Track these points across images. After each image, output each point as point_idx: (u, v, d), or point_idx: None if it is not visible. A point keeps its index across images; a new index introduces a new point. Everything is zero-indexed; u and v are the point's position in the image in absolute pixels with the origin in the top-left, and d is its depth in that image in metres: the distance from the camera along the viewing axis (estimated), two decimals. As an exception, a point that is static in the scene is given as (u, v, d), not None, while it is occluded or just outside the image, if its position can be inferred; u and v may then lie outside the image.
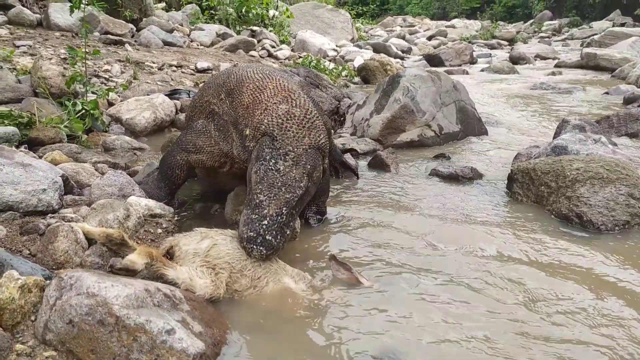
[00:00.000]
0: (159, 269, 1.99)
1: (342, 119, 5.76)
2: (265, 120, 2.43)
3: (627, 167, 3.15)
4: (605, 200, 2.99)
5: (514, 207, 3.33)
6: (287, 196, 2.23)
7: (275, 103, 2.52)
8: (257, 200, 2.20)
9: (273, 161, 2.29)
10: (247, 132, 2.54)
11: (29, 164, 2.57)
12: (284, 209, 2.20)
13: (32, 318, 1.69)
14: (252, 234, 2.13)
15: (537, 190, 3.31)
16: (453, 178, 3.83)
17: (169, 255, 2.17)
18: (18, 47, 6.67)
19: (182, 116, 5.15)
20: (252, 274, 2.13)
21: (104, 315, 1.58)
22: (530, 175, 3.36)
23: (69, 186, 2.90)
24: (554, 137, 4.28)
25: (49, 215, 2.51)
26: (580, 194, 3.05)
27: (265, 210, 2.17)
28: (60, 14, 7.90)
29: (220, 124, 2.82)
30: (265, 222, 2.15)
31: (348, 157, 4.10)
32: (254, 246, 2.11)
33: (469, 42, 17.46)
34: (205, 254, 2.12)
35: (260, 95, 2.61)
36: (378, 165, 4.16)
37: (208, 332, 1.73)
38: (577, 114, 6.34)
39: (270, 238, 2.13)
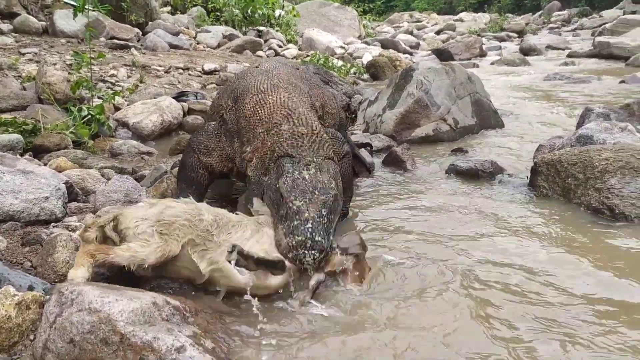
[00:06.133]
0: (105, 260, 1.83)
1: (353, 115, 5.61)
2: (277, 146, 2.43)
3: (659, 155, 2.97)
4: (638, 191, 2.81)
5: (541, 202, 3.16)
6: (322, 197, 2.16)
7: (275, 123, 2.53)
8: (295, 207, 2.11)
9: (297, 172, 2.25)
10: (248, 150, 2.58)
11: (30, 171, 2.46)
12: (323, 210, 2.13)
13: (31, 337, 1.57)
14: (300, 237, 2.02)
15: (563, 182, 3.14)
16: (473, 173, 3.67)
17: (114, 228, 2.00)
18: (23, 54, 6.60)
19: (189, 118, 5.04)
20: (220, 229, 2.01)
21: (108, 332, 1.44)
22: (556, 167, 3.19)
23: (74, 193, 2.79)
24: (578, 127, 4.10)
25: (52, 224, 2.40)
26: (611, 185, 2.88)
27: (306, 214, 2.08)
28: (65, 21, 7.83)
29: (227, 130, 2.82)
30: (310, 224, 2.05)
31: (365, 154, 3.95)
32: (305, 251, 2.00)
33: (478, 35, 17.20)
34: (156, 217, 1.94)
35: (260, 110, 2.63)
36: (394, 162, 4.00)
37: (221, 348, 1.59)
38: (597, 103, 6.14)
39: (319, 239, 2.03)
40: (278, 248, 2.07)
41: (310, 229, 2.04)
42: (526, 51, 13.26)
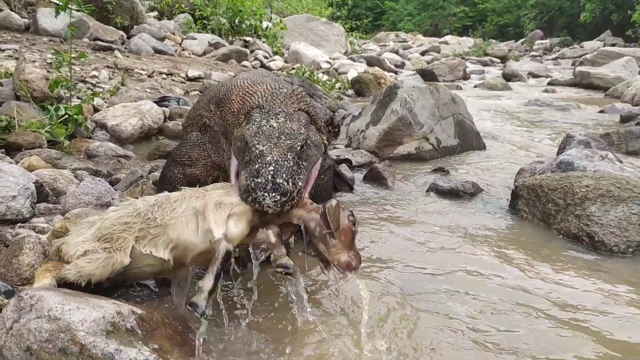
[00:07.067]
0: (59, 276, 1.76)
1: (336, 130, 5.55)
2: (248, 103, 2.31)
3: (638, 185, 2.98)
4: (617, 219, 2.82)
5: (520, 226, 3.14)
6: (289, 142, 1.98)
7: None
8: (257, 152, 1.93)
9: (265, 120, 2.09)
10: None
11: (-2, 169, 2.36)
12: (289, 154, 1.93)
13: (-14, 343, 1.47)
14: (259, 179, 1.81)
15: (543, 207, 3.14)
16: (453, 193, 3.65)
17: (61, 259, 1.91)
18: (3, 50, 6.46)
19: (170, 124, 4.96)
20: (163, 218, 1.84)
21: (67, 342, 1.36)
22: (537, 192, 3.19)
23: (44, 193, 2.68)
24: (558, 153, 4.12)
25: (19, 224, 2.30)
26: (591, 213, 2.88)
27: (269, 157, 1.89)
28: (49, 19, 7.71)
29: (212, 135, 2.72)
30: (272, 167, 1.86)
31: (344, 169, 3.91)
32: (265, 193, 1.78)
33: (462, 59, 17.40)
34: (94, 236, 1.84)
35: (250, 99, 2.45)
36: (374, 178, 3.97)
37: (188, 363, 1.52)
38: (577, 131, 6.22)
39: (281, 181, 1.81)
40: (239, 192, 1.88)
41: (272, 171, 1.84)
42: (508, 76, 13.44)
